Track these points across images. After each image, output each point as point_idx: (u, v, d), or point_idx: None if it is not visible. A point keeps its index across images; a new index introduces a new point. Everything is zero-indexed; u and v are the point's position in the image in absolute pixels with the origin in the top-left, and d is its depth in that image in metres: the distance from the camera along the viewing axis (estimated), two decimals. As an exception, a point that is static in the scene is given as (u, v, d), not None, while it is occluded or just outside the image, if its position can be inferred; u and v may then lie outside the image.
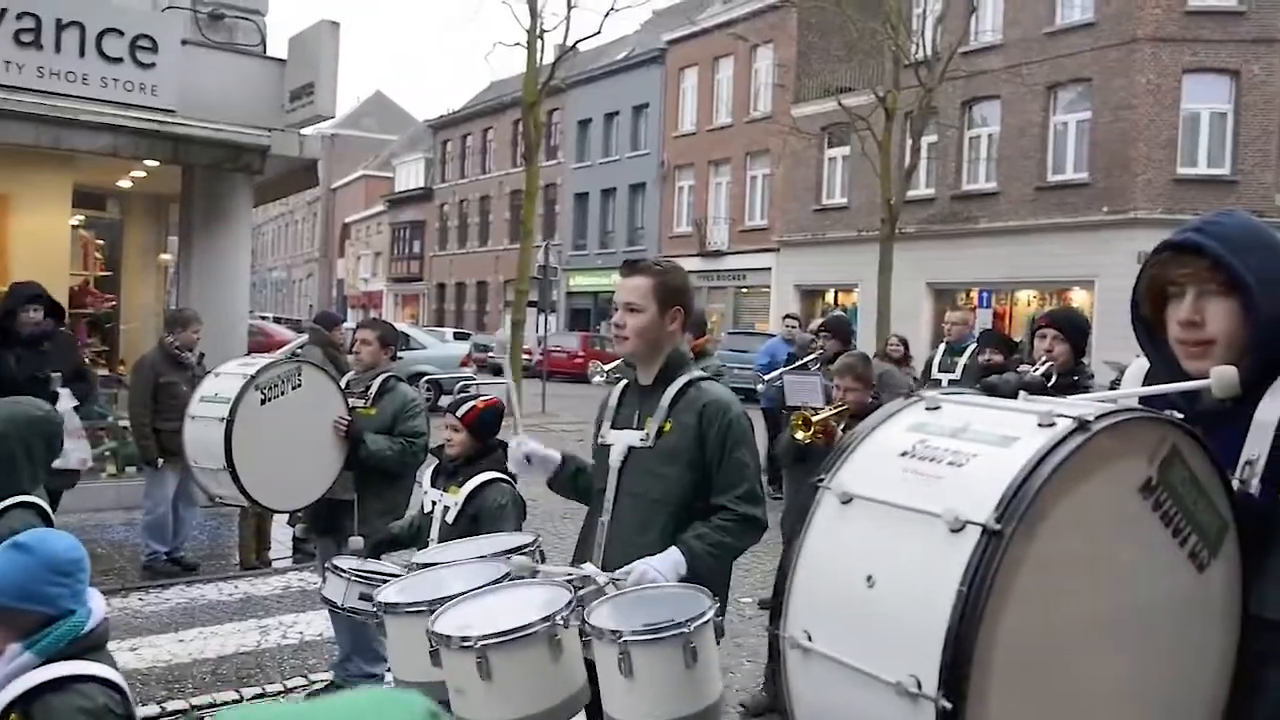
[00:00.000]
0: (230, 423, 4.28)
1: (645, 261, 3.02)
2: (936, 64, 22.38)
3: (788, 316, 10.93)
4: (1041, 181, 24.10)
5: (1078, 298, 23.49)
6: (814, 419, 4.73)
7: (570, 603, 2.51)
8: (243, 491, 4.36)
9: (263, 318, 30.32)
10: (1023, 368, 5.02)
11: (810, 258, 29.16)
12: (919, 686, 1.22)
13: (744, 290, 32.17)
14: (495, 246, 43.16)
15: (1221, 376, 1.57)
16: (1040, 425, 1.35)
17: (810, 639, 1.42)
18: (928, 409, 1.53)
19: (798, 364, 7.28)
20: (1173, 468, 1.41)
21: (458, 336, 28.27)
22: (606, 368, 6.65)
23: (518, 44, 18.40)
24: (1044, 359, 4.45)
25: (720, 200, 32.94)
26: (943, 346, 7.58)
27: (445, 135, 48.88)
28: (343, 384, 5.14)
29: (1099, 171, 22.96)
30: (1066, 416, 1.34)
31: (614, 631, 2.31)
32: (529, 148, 18.06)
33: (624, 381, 3.17)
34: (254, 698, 5.19)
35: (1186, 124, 22.51)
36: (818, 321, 9.04)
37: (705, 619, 2.29)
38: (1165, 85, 22.34)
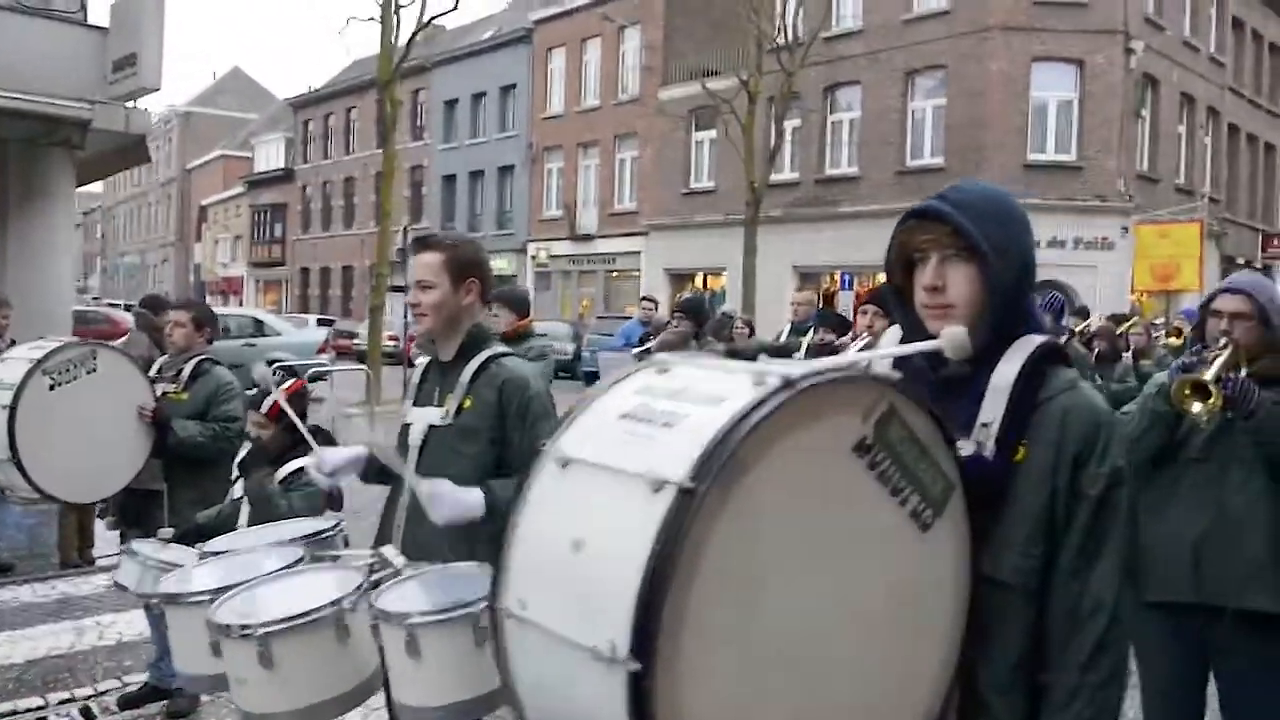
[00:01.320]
0: (13, 410, 3.98)
1: (435, 236, 2.95)
2: (798, 49, 22.76)
3: (644, 299, 10.95)
4: (901, 166, 24.73)
5: (934, 279, 24.22)
6: None
7: (361, 586, 2.41)
8: (30, 483, 4.07)
9: (112, 305, 28.91)
10: (854, 344, 5.08)
11: (679, 241, 29.32)
12: (613, 650, 1.17)
13: (614, 274, 32.17)
14: (360, 230, 42.09)
15: (952, 337, 1.59)
16: (754, 385, 1.30)
17: (525, 608, 1.35)
18: (658, 372, 1.47)
19: (645, 346, 7.25)
20: (890, 427, 1.38)
21: (322, 323, 27.48)
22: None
23: (371, 19, 17.87)
24: (865, 335, 4.52)
25: (589, 183, 32.83)
26: (787, 327, 7.66)
27: (307, 114, 47.39)
28: (155, 368, 4.87)
29: (954, 156, 23.66)
30: (776, 375, 1.28)
31: (400, 614, 2.22)
32: (386, 127, 17.61)
33: (427, 359, 3.07)
34: (61, 703, 4.88)
35: (1035, 111, 23.41)
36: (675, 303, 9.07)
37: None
38: (1015, 73, 23.17)
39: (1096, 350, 8.21)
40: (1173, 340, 9.13)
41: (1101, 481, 1.64)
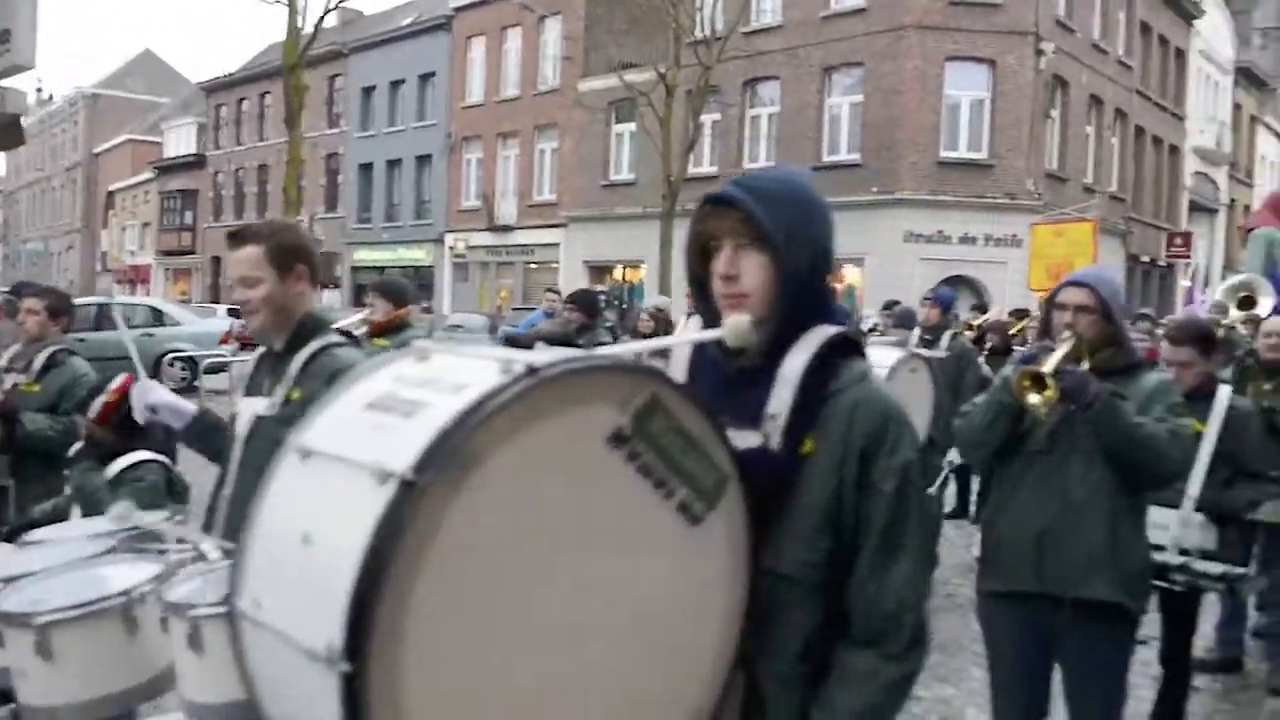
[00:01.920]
0: None
1: (251, 228, 2.82)
2: (716, 43, 22.80)
3: (548, 290, 10.87)
4: (817, 161, 24.88)
5: (850, 274, 24.53)
6: None
7: (159, 577, 2.29)
8: None
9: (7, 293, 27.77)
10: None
11: (598, 233, 29.23)
12: (329, 650, 1.10)
13: (533, 265, 31.94)
14: (274, 218, 41.17)
15: (733, 326, 1.56)
16: (500, 374, 1.22)
17: (259, 608, 1.27)
18: (416, 360, 1.39)
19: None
20: (652, 418, 1.32)
21: (232, 313, 26.76)
22: None
23: (279, 1, 17.41)
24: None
25: (508, 174, 32.53)
26: (683, 318, 7.63)
27: (219, 99, 46.16)
28: (6, 358, 4.63)
29: (870, 153, 23.99)
30: (521, 363, 1.21)
31: (187, 605, 2.10)
32: (291, 113, 17.14)
33: (262, 349, 2.95)
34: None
35: (949, 110, 23.80)
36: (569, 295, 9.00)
37: None
38: (930, 72, 23.55)
39: (990, 344, 8.34)
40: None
41: (893, 477, 1.60)
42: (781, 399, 1.59)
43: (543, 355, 1.26)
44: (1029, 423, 3.04)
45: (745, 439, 1.58)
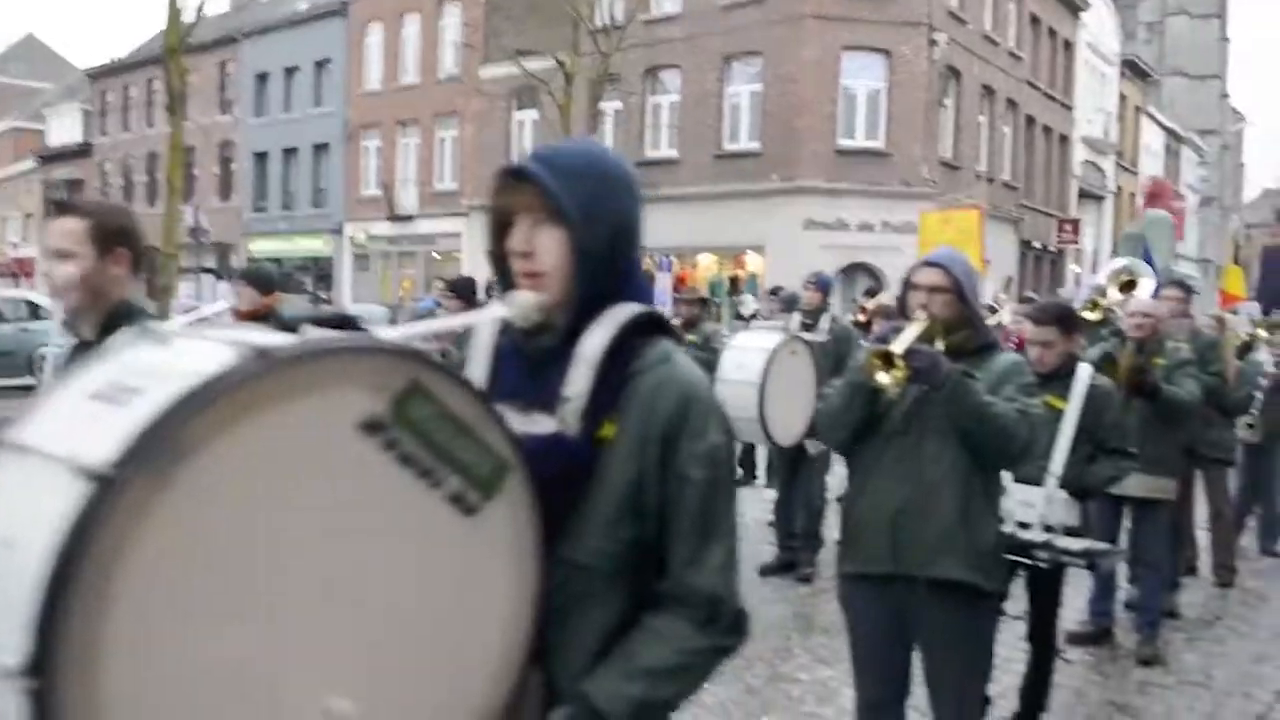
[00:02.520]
0: None
1: (76, 200, 2.68)
2: (615, 31, 22.69)
3: (439, 280, 10.71)
4: (718, 150, 25.07)
5: (752, 262, 24.72)
6: None
7: None
8: None
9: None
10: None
11: (501, 222, 28.86)
12: (12, 666, 0.99)
13: (436, 255, 31.45)
14: (165, 208, 39.82)
15: (519, 304, 1.50)
16: (230, 358, 1.10)
17: None
18: (155, 344, 1.26)
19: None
20: (412, 404, 1.22)
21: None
22: None
23: (156, -19, 16.71)
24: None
25: (409, 162, 31.95)
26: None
27: (105, 85, 44.39)
28: None
29: (770, 141, 24.17)
30: (252, 347, 1.09)
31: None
32: (173, 99, 16.55)
33: (75, 340, 2.77)
34: None
35: (845, 99, 24.10)
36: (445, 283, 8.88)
37: None
38: (827, 61, 23.80)
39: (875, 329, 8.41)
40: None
41: (701, 463, 1.51)
42: (578, 381, 1.50)
43: (278, 337, 1.15)
44: (886, 404, 3.02)
45: (542, 424, 1.50)
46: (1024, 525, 3.89)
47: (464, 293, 6.56)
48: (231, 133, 37.25)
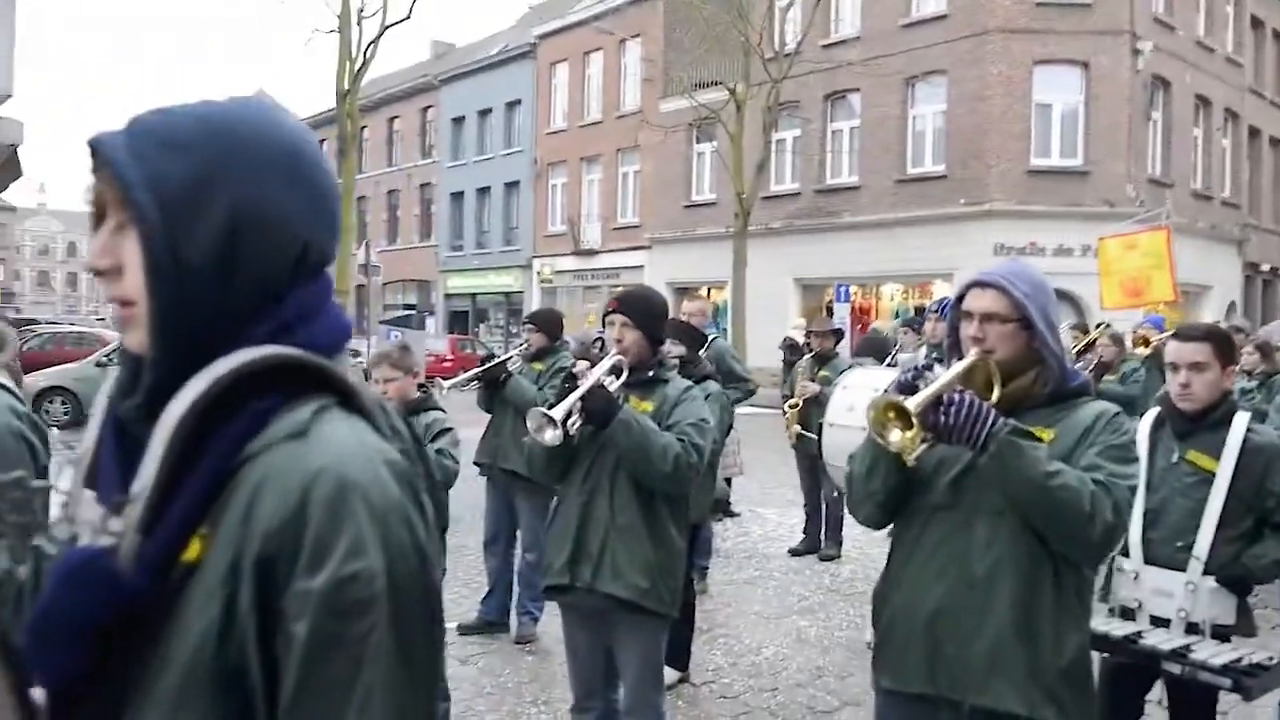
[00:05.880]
0: None
1: None
2: (786, 58, 22.29)
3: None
4: (901, 174, 24.17)
5: (939, 290, 23.58)
6: None
7: None
8: None
9: None
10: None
11: (681, 255, 28.88)
12: None
13: (618, 288, 31.66)
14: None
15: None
16: None
17: None
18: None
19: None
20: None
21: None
22: (448, 384, 6.03)
23: (332, 31, 17.61)
24: (614, 350, 3.50)
25: (593, 198, 32.49)
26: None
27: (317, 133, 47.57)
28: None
29: (956, 164, 23.08)
30: None
31: None
32: (344, 144, 17.30)
33: None
34: None
35: (1039, 115, 22.73)
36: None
37: None
38: (1017, 77, 22.55)
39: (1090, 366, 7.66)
40: (1141, 350, 8.52)
41: (310, 608, 0.94)
42: (150, 471, 0.99)
43: None
44: (926, 470, 2.36)
45: (98, 535, 1.01)
46: (1159, 622, 3.07)
47: (546, 326, 6.31)
48: (431, 175, 39.00)
